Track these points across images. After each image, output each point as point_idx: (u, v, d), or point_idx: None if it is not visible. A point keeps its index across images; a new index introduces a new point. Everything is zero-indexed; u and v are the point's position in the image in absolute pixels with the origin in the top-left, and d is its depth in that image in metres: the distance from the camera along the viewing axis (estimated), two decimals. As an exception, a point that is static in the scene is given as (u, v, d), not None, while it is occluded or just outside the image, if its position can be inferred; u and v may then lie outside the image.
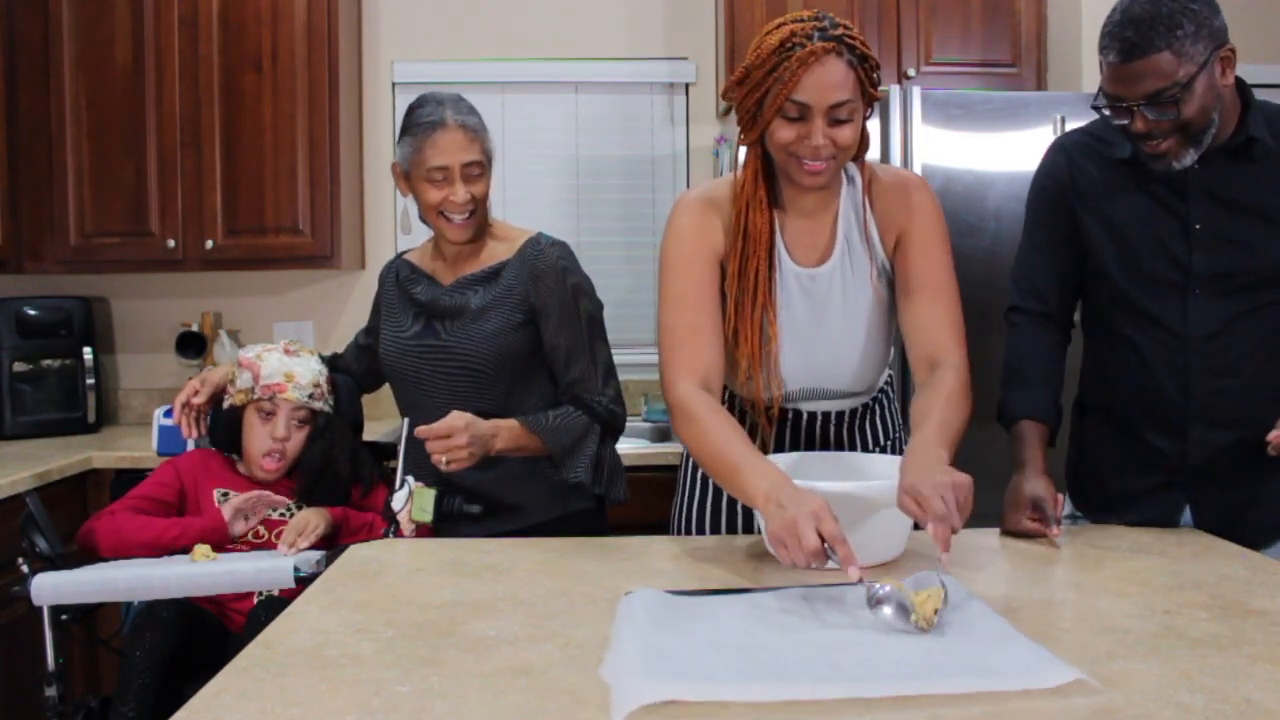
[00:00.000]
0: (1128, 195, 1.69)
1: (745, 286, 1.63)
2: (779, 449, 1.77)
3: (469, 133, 1.89)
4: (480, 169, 1.91)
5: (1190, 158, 1.58)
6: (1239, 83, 1.62)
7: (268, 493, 2.06)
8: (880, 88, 1.63)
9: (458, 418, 1.76)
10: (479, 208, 1.92)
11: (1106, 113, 1.59)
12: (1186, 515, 1.71)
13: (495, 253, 1.98)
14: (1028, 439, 1.72)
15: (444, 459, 1.76)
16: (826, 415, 1.77)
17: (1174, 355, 1.66)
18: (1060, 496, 1.63)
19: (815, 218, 1.68)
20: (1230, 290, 1.62)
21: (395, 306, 2.04)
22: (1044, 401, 1.76)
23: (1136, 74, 1.51)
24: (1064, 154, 1.78)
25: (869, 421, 1.81)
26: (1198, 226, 1.63)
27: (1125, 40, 1.50)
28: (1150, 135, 1.56)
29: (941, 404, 1.54)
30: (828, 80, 1.49)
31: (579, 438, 1.90)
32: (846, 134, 1.53)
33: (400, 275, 2.06)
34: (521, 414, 1.89)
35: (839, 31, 1.51)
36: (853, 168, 1.69)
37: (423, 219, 1.97)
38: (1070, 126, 2.74)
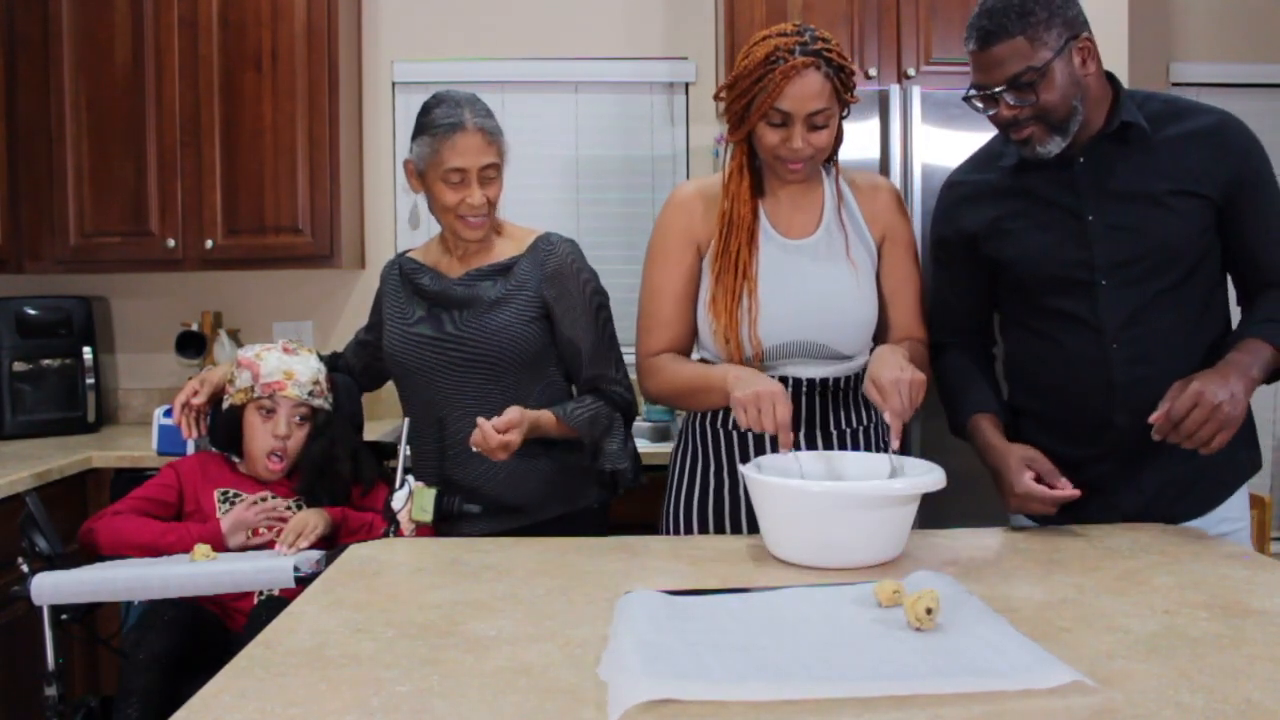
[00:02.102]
0: (1022, 206, 1.74)
1: (726, 264, 1.80)
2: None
3: (487, 135, 1.90)
4: (496, 171, 1.93)
5: (1056, 145, 1.65)
6: (1110, 76, 1.70)
7: (270, 503, 2.04)
8: (879, 87, 1.71)
9: (517, 412, 1.80)
10: (492, 208, 1.95)
11: (979, 105, 1.67)
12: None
13: (504, 249, 2.00)
14: (985, 427, 1.76)
15: (494, 451, 1.78)
16: (812, 383, 1.81)
17: (1092, 348, 1.69)
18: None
19: (801, 200, 1.85)
20: (1136, 278, 1.66)
21: (400, 300, 2.05)
22: (986, 399, 1.81)
23: (994, 60, 1.61)
24: (950, 190, 1.87)
25: (854, 395, 1.85)
26: (1090, 218, 1.67)
27: (982, 29, 1.61)
28: (1015, 122, 1.64)
29: (911, 344, 1.81)
30: (806, 91, 1.69)
31: (608, 427, 1.95)
32: (823, 138, 1.74)
33: (405, 269, 2.06)
34: (526, 407, 1.90)
35: (818, 46, 1.70)
36: (828, 167, 1.88)
37: (434, 214, 1.98)
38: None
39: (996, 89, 1.62)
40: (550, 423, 1.89)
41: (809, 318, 1.78)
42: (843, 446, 1.83)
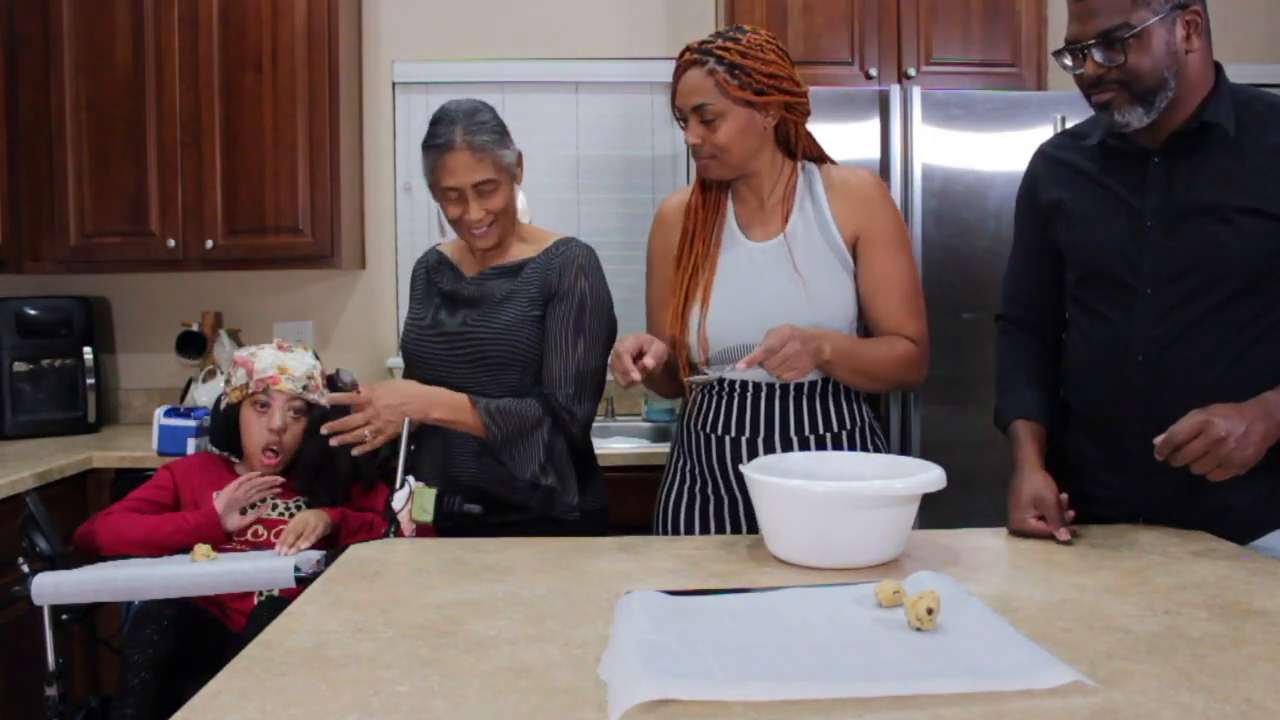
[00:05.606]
0: (1092, 192, 1.67)
1: (683, 264, 1.85)
2: (727, 423, 1.82)
3: (476, 152, 1.88)
4: (494, 185, 1.91)
5: (1137, 117, 1.55)
6: (1217, 67, 1.60)
7: (258, 476, 2.04)
8: (879, 87, 1.67)
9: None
10: (500, 217, 1.94)
11: (1067, 63, 1.59)
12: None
13: (521, 252, 2.01)
14: (1020, 437, 1.71)
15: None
16: (771, 387, 1.80)
17: (1117, 356, 1.62)
18: (1064, 496, 1.60)
19: (765, 203, 1.84)
20: (1182, 295, 1.57)
21: (420, 295, 2.08)
22: (1033, 401, 1.75)
23: (1091, 10, 1.53)
24: (1038, 159, 1.79)
25: (823, 401, 1.81)
26: (1149, 224, 1.60)
27: None
28: (1098, 82, 1.56)
29: (877, 340, 1.80)
30: (685, 87, 1.75)
31: (519, 430, 1.88)
32: (718, 134, 1.74)
33: (430, 265, 2.10)
34: None
35: (713, 45, 1.73)
36: (811, 167, 1.86)
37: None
38: (1070, 126, 2.76)
39: (1087, 44, 1.53)
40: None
41: (754, 324, 1.74)
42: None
